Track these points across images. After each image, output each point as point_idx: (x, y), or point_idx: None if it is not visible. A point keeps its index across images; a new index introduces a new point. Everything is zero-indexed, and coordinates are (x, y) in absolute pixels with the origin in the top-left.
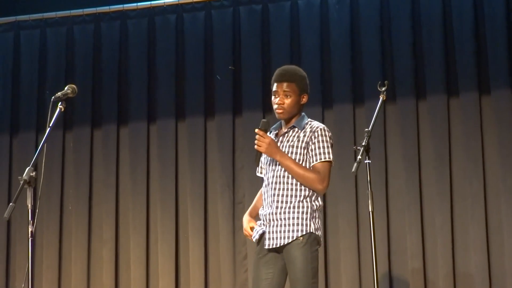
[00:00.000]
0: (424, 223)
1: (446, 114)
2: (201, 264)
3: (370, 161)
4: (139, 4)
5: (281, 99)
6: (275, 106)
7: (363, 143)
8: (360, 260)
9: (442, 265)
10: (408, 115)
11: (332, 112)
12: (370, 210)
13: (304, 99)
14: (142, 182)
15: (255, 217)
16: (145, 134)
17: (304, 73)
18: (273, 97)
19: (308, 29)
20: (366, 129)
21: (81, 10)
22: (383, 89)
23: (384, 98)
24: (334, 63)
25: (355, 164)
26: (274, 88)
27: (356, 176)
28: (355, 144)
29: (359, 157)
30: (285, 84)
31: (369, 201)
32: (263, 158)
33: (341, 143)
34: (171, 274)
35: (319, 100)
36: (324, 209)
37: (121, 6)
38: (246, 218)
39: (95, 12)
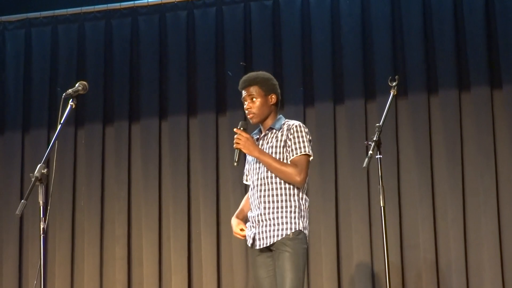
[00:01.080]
0: (436, 217)
1: (457, 108)
2: (213, 260)
3: (381, 156)
4: (150, 0)
5: (248, 104)
6: (246, 112)
7: (374, 138)
8: (372, 255)
9: (454, 259)
10: (419, 109)
11: (343, 107)
12: (381, 205)
13: (273, 99)
14: (154, 178)
15: (243, 219)
16: (157, 131)
17: (267, 75)
18: (243, 105)
19: (319, 24)
20: (377, 124)
21: (92, 7)
22: (394, 84)
23: (395, 93)
24: (345, 58)
25: (366, 159)
26: (242, 96)
27: (367, 171)
28: (366, 139)
29: (370, 152)
30: (249, 89)
31: (381, 196)
32: (248, 165)
33: (352, 138)
34: (184, 270)
35: (330, 95)
36: (335, 205)
37: (132, 2)
38: (234, 221)
39: (106, 9)
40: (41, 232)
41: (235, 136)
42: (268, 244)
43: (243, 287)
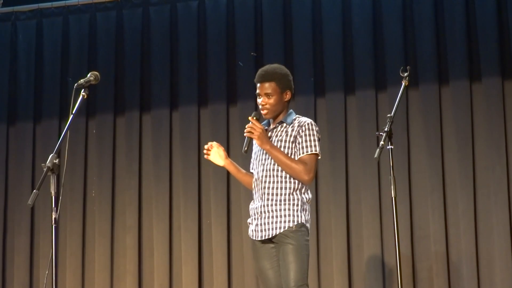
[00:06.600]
0: (447, 208)
1: (468, 99)
2: (224, 250)
3: (392, 147)
4: None
5: (263, 100)
6: (260, 107)
7: (386, 129)
8: (383, 246)
9: (465, 250)
10: (430, 100)
11: (354, 98)
12: (392, 195)
13: (288, 96)
14: (165, 168)
15: (233, 165)
16: (168, 121)
17: (285, 71)
18: (257, 97)
19: (330, 14)
20: (389, 115)
21: None
22: (405, 74)
23: (407, 83)
24: (356, 49)
25: (378, 150)
26: (257, 89)
27: (378, 162)
28: (377, 130)
29: (381, 142)
30: (266, 85)
31: (392, 187)
32: (253, 154)
33: (363, 129)
34: (194, 260)
35: (341, 86)
36: (346, 195)
37: None
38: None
39: None
40: (53, 222)
41: (248, 125)
42: (270, 236)
43: (253, 278)
